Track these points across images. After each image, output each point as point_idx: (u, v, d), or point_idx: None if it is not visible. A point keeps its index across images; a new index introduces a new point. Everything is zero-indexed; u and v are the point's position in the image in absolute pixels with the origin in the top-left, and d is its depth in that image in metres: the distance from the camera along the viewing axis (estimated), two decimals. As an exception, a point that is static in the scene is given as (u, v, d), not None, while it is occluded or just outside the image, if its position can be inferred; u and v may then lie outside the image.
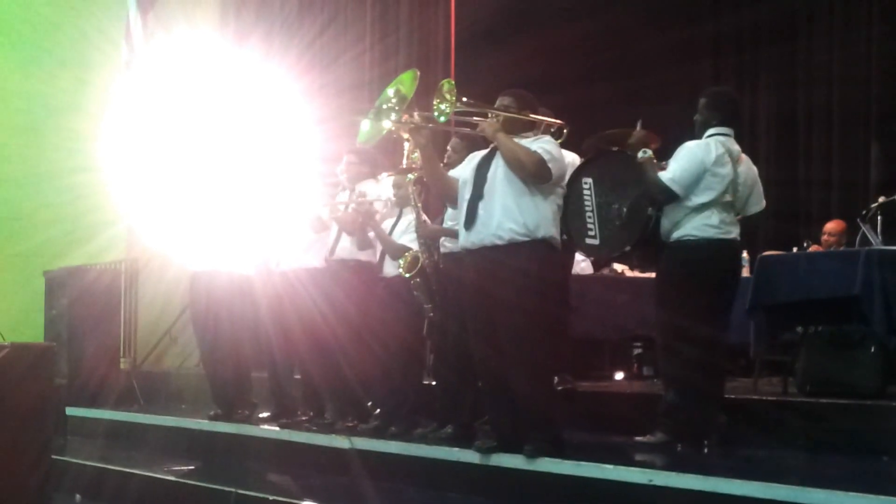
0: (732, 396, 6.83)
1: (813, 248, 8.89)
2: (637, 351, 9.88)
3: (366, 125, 6.82)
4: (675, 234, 6.38)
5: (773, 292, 7.10)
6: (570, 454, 5.91)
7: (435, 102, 6.02)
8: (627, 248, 6.69)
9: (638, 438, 6.45)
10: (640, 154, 6.43)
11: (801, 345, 7.11)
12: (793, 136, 12.34)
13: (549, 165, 5.97)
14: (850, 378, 6.65)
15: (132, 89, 11.73)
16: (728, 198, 6.36)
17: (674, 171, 6.33)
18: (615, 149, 6.85)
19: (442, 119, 6.04)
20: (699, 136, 6.51)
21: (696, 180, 6.29)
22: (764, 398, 7.00)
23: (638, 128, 6.59)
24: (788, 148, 12.29)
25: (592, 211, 6.72)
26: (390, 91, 6.68)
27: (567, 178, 6.53)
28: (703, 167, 6.30)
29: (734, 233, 6.42)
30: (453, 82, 6.05)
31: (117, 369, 11.23)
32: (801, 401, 6.77)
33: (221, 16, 13.75)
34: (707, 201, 6.30)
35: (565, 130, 6.44)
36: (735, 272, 6.60)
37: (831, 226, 9.32)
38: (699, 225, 6.30)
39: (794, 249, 8.78)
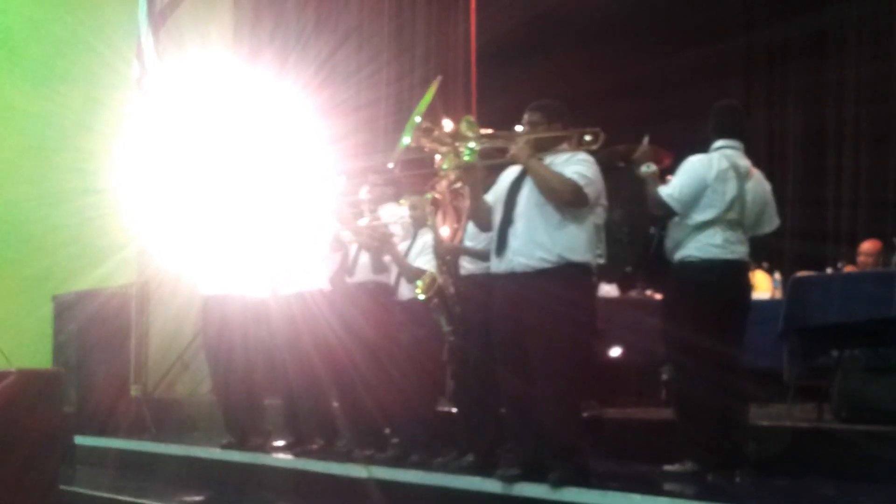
0: (765, 423, 6.79)
1: (847, 269, 8.81)
2: (665, 376, 9.80)
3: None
4: (678, 255, 6.31)
5: (806, 315, 7.02)
6: (596, 483, 5.86)
7: (458, 145, 5.98)
8: (629, 269, 6.63)
9: (667, 467, 6.38)
10: (642, 168, 6.38)
11: (836, 369, 7.05)
12: (823, 154, 12.38)
13: (586, 191, 5.89)
14: (888, 404, 6.59)
15: (144, 108, 11.75)
16: (733, 215, 6.26)
17: (673, 187, 6.27)
18: (622, 165, 6.79)
19: (470, 159, 6.00)
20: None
21: (695, 197, 6.22)
22: (798, 425, 6.93)
23: (644, 143, 6.50)
24: (818, 166, 12.34)
25: (603, 231, 6.66)
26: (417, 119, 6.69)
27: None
28: (704, 183, 6.22)
29: (741, 252, 6.31)
30: (471, 119, 6.00)
31: (128, 396, 11.20)
32: (836, 428, 6.71)
33: (235, 32, 13.76)
34: (709, 219, 6.22)
35: (601, 137, 6.15)
36: (743, 293, 6.48)
37: (867, 246, 9.20)
38: (702, 245, 6.22)
39: (829, 270, 8.70)
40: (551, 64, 11.97)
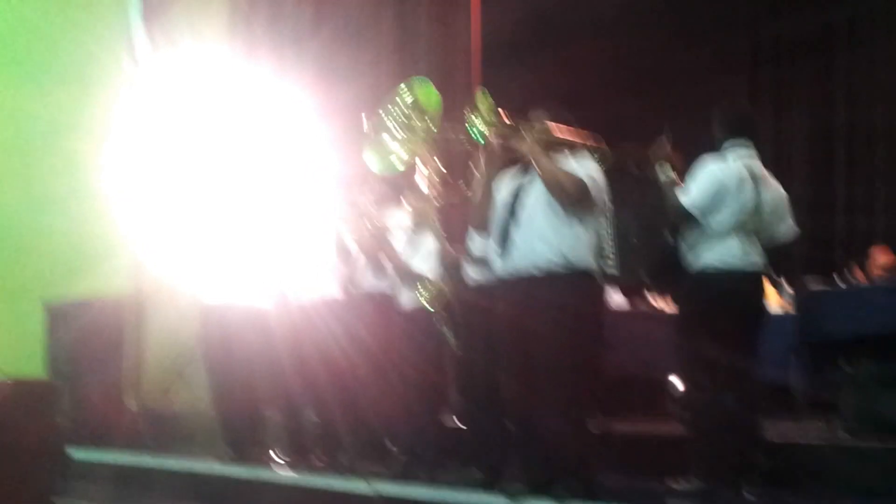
0: (775, 440, 6.76)
1: (856, 274, 8.84)
2: (677, 389, 9.81)
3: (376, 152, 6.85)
4: (697, 265, 6.28)
5: (820, 328, 7.05)
6: (603, 498, 5.91)
7: (471, 122, 6.00)
8: (644, 279, 6.65)
9: (673, 484, 6.36)
10: (661, 177, 6.34)
11: (849, 383, 7.08)
12: (832, 155, 12.34)
13: (591, 191, 5.97)
14: (901, 419, 6.66)
15: (136, 107, 11.77)
16: (750, 224, 6.25)
17: (692, 196, 6.24)
18: (634, 171, 6.82)
19: (481, 141, 6.01)
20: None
21: (715, 203, 6.20)
22: (808, 440, 6.95)
23: (662, 139, 6.44)
24: (827, 167, 12.30)
25: (612, 239, 6.72)
26: (407, 99, 6.70)
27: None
28: (724, 190, 6.20)
29: (758, 262, 6.31)
30: (490, 100, 6.00)
31: (124, 408, 11.22)
32: (849, 443, 6.76)
33: (230, 27, 13.72)
34: (728, 227, 6.20)
35: (609, 158, 6.22)
36: (760, 304, 6.49)
37: (883, 260, 9.19)
38: (720, 254, 6.21)
39: (835, 276, 8.72)
40: (553, 60, 12.01)
